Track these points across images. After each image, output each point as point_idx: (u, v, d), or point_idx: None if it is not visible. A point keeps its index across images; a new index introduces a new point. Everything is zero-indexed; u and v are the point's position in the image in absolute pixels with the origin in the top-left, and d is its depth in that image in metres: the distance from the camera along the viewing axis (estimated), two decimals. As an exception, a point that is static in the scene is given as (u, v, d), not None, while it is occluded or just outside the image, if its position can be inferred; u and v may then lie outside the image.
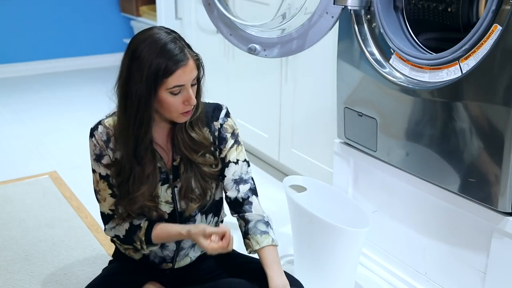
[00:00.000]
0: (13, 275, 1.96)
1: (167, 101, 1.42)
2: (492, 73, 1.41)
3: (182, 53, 1.41)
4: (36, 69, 4.67)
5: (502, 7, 1.37)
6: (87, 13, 4.78)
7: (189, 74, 1.42)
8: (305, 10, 1.87)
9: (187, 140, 1.52)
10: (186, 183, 1.54)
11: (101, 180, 1.55)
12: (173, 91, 1.41)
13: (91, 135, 1.55)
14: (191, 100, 1.44)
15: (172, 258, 1.63)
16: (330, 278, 1.80)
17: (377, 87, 1.76)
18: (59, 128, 3.47)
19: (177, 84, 1.41)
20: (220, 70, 3.01)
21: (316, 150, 2.43)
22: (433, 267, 1.79)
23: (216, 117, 1.58)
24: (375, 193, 1.95)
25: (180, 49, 1.41)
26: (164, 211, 1.56)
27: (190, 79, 1.43)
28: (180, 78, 1.40)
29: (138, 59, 1.39)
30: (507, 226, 1.48)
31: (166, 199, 1.56)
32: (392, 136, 1.77)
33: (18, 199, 2.50)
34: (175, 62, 1.39)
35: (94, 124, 1.56)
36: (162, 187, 1.54)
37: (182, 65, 1.40)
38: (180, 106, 1.44)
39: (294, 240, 1.90)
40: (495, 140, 1.44)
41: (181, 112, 1.45)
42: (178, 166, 1.55)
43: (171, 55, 1.39)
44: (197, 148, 1.53)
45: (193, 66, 1.43)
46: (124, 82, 1.43)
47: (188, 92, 1.43)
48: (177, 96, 1.43)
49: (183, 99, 1.43)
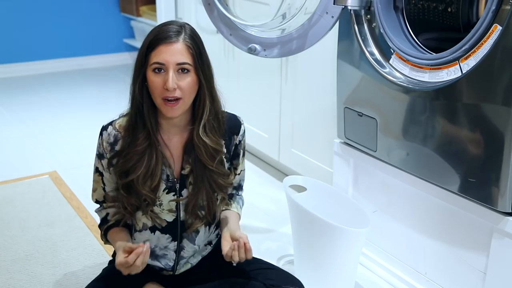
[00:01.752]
0: (13, 275, 1.96)
1: (151, 79, 1.41)
2: (492, 73, 1.41)
3: (173, 33, 1.40)
4: (36, 69, 4.67)
5: (502, 7, 1.37)
6: (87, 13, 4.78)
7: (171, 54, 1.38)
8: (305, 10, 1.86)
9: (206, 147, 1.48)
10: (193, 200, 1.52)
11: (97, 174, 1.57)
12: (154, 67, 1.40)
13: (100, 133, 1.53)
14: (168, 83, 1.38)
15: (172, 267, 1.62)
16: (330, 278, 1.80)
17: (377, 87, 1.76)
18: (59, 128, 3.47)
19: (157, 61, 1.39)
20: (220, 70, 3.01)
21: (316, 150, 2.43)
22: (433, 267, 1.79)
23: (237, 132, 1.58)
24: (375, 193, 1.95)
25: (176, 31, 1.41)
26: (164, 219, 1.55)
27: (172, 60, 1.38)
28: (161, 56, 1.38)
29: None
30: (507, 226, 1.48)
31: (169, 208, 1.54)
32: (392, 136, 1.77)
33: (18, 199, 2.50)
34: (160, 38, 1.39)
35: (107, 123, 1.54)
36: (167, 196, 1.52)
37: (166, 42, 1.39)
38: (160, 89, 1.40)
39: (294, 240, 1.90)
40: (495, 140, 1.44)
41: (162, 96, 1.40)
42: (187, 175, 1.52)
43: (161, 32, 1.40)
44: (215, 154, 1.50)
45: (180, 49, 1.39)
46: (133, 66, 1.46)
47: (167, 74, 1.39)
48: (158, 76, 1.40)
49: (163, 82, 1.39)
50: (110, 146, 1.51)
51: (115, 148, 1.51)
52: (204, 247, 1.65)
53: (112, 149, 1.51)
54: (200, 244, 1.61)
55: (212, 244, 1.67)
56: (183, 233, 1.57)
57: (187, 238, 1.58)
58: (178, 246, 1.58)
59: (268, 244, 2.19)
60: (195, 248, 1.60)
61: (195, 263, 1.65)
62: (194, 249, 1.61)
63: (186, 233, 1.57)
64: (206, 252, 1.67)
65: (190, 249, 1.60)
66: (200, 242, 1.61)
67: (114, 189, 1.57)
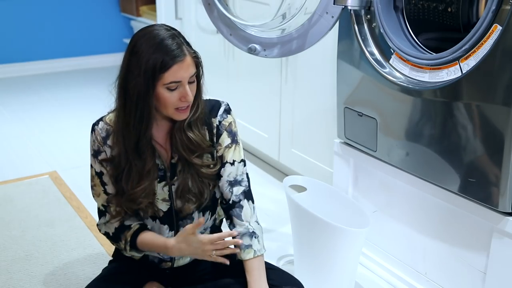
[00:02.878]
0: (13, 275, 1.96)
1: (164, 97, 1.42)
2: (492, 73, 1.41)
3: (179, 49, 1.41)
4: (36, 69, 4.67)
5: (502, 7, 1.37)
6: (87, 13, 4.77)
7: (185, 71, 1.42)
8: (305, 10, 1.86)
9: (185, 140, 1.51)
10: (183, 183, 1.54)
11: (96, 176, 1.57)
12: (170, 86, 1.42)
13: (92, 130, 1.56)
14: (188, 97, 1.44)
15: (171, 256, 1.63)
16: (330, 278, 1.80)
17: (377, 87, 1.76)
18: (59, 128, 3.47)
19: (174, 80, 1.41)
20: (220, 70, 3.01)
21: (316, 150, 2.43)
22: (433, 267, 1.79)
23: (215, 114, 1.58)
24: (375, 193, 1.95)
25: (178, 45, 1.41)
26: (160, 209, 1.56)
27: (187, 75, 1.43)
28: (177, 74, 1.41)
29: (137, 54, 1.41)
30: (507, 226, 1.48)
31: (162, 197, 1.56)
32: (392, 136, 1.77)
33: (18, 199, 2.50)
34: (171, 58, 1.39)
35: (96, 120, 1.57)
36: (159, 185, 1.55)
37: (179, 61, 1.40)
38: (176, 102, 1.44)
39: (294, 240, 1.90)
40: (495, 140, 1.44)
41: (176, 107, 1.45)
42: (176, 164, 1.55)
43: (168, 50, 1.40)
44: (194, 149, 1.53)
45: (190, 63, 1.43)
46: (123, 77, 1.44)
47: (184, 89, 1.43)
48: (173, 92, 1.43)
49: (179, 96, 1.43)
50: (103, 139, 1.54)
51: (107, 142, 1.53)
52: None
53: (105, 143, 1.53)
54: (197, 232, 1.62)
55: None
56: (179, 221, 1.59)
57: (183, 226, 1.59)
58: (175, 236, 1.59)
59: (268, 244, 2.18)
60: None
61: None
62: None
63: (182, 222, 1.59)
64: None
65: None
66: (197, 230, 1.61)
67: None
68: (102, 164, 1.54)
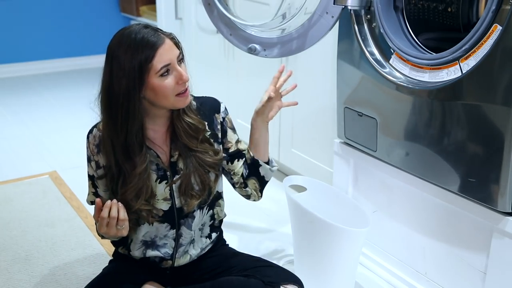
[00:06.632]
0: (13, 275, 1.96)
1: (161, 85, 1.42)
2: (492, 73, 1.41)
3: (156, 35, 1.42)
4: (36, 69, 4.67)
5: (502, 7, 1.37)
6: (87, 13, 4.77)
7: (170, 52, 1.42)
8: (305, 10, 1.86)
9: (186, 127, 1.52)
10: (186, 180, 1.54)
11: (88, 177, 1.59)
12: (162, 72, 1.41)
13: (87, 137, 1.58)
14: (183, 76, 1.44)
15: (172, 255, 1.63)
16: (330, 278, 1.80)
17: (377, 87, 1.76)
18: (59, 128, 3.47)
19: (164, 64, 1.41)
20: (220, 70, 3.01)
21: (316, 150, 2.43)
22: (433, 267, 1.79)
23: (217, 110, 1.61)
24: (375, 193, 1.95)
25: (153, 31, 1.43)
26: (160, 208, 1.56)
27: (173, 56, 1.43)
28: (164, 57, 1.41)
29: (117, 58, 1.41)
30: (507, 226, 1.48)
31: (164, 197, 1.56)
32: (392, 136, 1.77)
33: (18, 199, 2.50)
34: (152, 45, 1.40)
35: (91, 126, 1.58)
36: (160, 185, 1.55)
37: (160, 44, 1.41)
38: (175, 87, 1.44)
39: (294, 240, 1.90)
40: (495, 140, 1.44)
41: (177, 93, 1.45)
42: (176, 162, 1.55)
43: (146, 40, 1.40)
44: (194, 134, 1.54)
45: (171, 44, 1.44)
46: (108, 84, 1.44)
47: (177, 70, 1.43)
48: (168, 78, 1.43)
49: (176, 79, 1.43)
50: (96, 147, 1.54)
51: (100, 150, 1.53)
52: (204, 238, 1.67)
53: (98, 152, 1.54)
54: (195, 229, 1.63)
55: (211, 238, 1.69)
56: (180, 219, 1.59)
57: (184, 224, 1.61)
58: (177, 234, 1.61)
59: (268, 244, 2.19)
60: (191, 233, 1.63)
61: (195, 256, 1.66)
62: (190, 235, 1.63)
63: (183, 220, 1.60)
64: (205, 246, 1.68)
65: (187, 235, 1.62)
66: (195, 227, 1.63)
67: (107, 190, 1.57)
68: (94, 171, 1.56)
